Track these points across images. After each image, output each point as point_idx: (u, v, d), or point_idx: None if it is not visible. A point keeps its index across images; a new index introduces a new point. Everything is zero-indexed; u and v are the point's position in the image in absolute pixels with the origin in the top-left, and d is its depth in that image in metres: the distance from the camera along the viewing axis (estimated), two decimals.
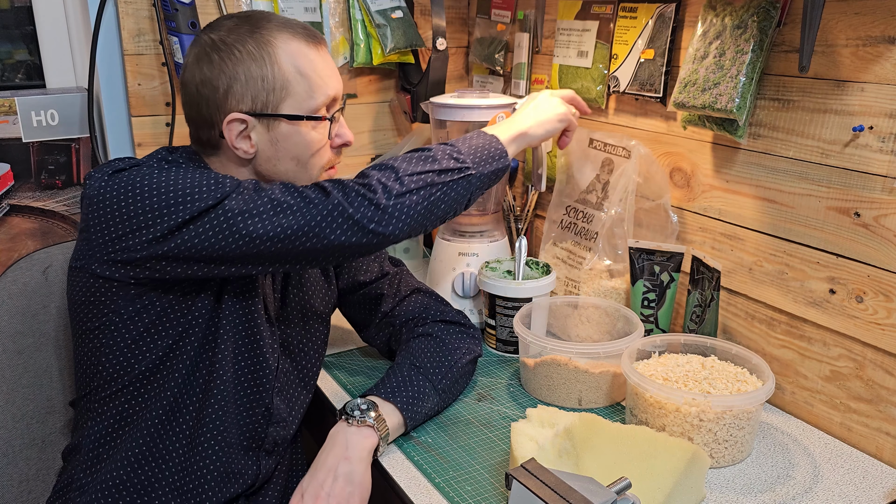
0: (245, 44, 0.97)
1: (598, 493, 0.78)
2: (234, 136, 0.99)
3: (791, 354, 1.14)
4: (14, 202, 1.42)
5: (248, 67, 0.97)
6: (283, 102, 0.99)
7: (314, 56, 1.01)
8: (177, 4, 1.37)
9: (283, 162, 1.02)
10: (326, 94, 1.01)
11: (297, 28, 1.01)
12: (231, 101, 0.98)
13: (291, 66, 0.98)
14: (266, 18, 1.01)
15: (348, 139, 1.07)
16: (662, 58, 1.26)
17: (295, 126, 1.00)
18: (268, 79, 0.98)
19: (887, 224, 0.99)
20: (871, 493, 0.97)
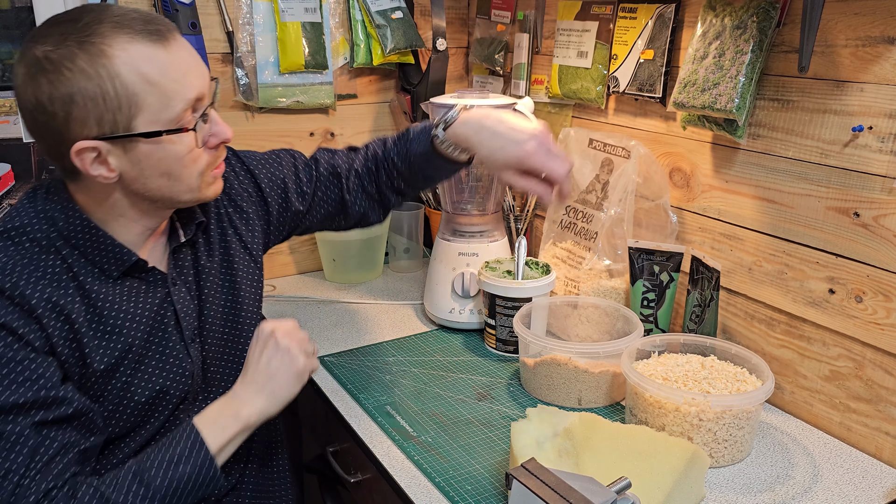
0: (75, 59, 0.82)
1: (598, 493, 0.78)
2: (88, 164, 0.87)
3: (790, 354, 1.14)
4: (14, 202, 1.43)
5: (83, 88, 0.83)
6: (134, 119, 0.86)
7: (162, 57, 0.86)
8: (177, 5, 1.37)
9: (153, 180, 0.90)
10: (186, 99, 0.88)
11: (135, 26, 0.86)
12: (73, 128, 0.85)
13: (136, 76, 0.84)
14: (97, 20, 0.85)
15: (226, 136, 0.94)
16: (662, 58, 1.26)
17: (156, 142, 0.88)
18: (110, 97, 0.84)
19: (887, 224, 0.99)
20: (870, 493, 0.97)
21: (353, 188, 1.21)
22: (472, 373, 1.27)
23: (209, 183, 0.95)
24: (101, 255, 0.93)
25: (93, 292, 0.92)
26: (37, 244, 0.90)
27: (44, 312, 0.87)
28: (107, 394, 0.94)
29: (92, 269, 0.92)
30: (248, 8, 1.50)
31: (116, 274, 0.93)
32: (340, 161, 1.21)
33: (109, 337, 0.93)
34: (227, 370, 1.07)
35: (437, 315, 1.43)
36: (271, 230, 1.16)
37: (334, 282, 1.67)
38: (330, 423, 1.25)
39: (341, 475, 1.21)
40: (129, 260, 0.93)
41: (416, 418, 1.14)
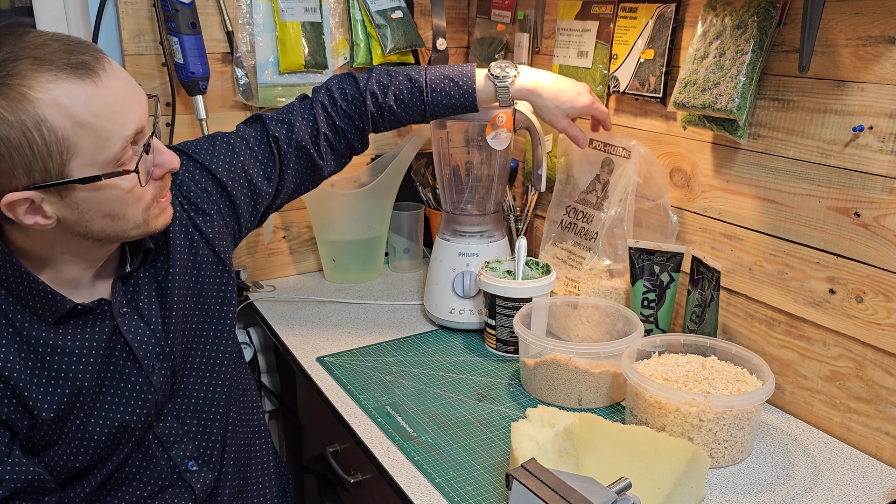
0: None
1: (599, 494, 0.78)
2: (21, 215, 0.80)
3: (791, 354, 1.14)
4: None
5: (5, 137, 0.75)
6: (68, 165, 0.78)
7: (92, 94, 0.78)
8: (177, 5, 1.37)
9: (95, 222, 0.84)
10: (123, 136, 0.81)
11: (58, 60, 0.77)
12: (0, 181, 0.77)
13: (64, 120, 0.76)
14: (13, 56, 0.76)
15: (171, 166, 0.88)
16: (662, 58, 1.26)
17: (94, 186, 0.81)
18: (38, 145, 0.76)
19: (887, 224, 0.99)
20: (870, 493, 0.97)
21: (324, 153, 1.19)
22: (472, 373, 1.27)
23: (156, 214, 0.90)
24: (35, 300, 0.87)
25: (31, 338, 0.87)
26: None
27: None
28: (63, 437, 0.91)
29: (28, 314, 0.87)
30: (247, 8, 1.50)
31: (52, 320, 0.89)
32: (302, 132, 1.16)
33: (55, 383, 0.89)
34: (195, 378, 1.04)
35: (437, 315, 1.43)
36: (242, 223, 1.12)
37: (334, 282, 1.66)
38: (330, 424, 1.25)
39: (341, 476, 1.21)
40: (62, 308, 0.88)
41: (416, 419, 1.14)
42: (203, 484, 1.03)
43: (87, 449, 0.93)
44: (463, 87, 1.22)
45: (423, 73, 1.22)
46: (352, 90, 1.21)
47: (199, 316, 1.04)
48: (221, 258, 1.07)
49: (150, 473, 0.99)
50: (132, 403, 0.95)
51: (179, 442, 1.02)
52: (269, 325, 1.45)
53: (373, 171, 1.64)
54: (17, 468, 0.86)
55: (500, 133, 1.34)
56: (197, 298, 1.04)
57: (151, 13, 1.42)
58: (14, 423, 0.87)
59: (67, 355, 0.90)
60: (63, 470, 0.92)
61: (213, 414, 1.05)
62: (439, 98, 1.21)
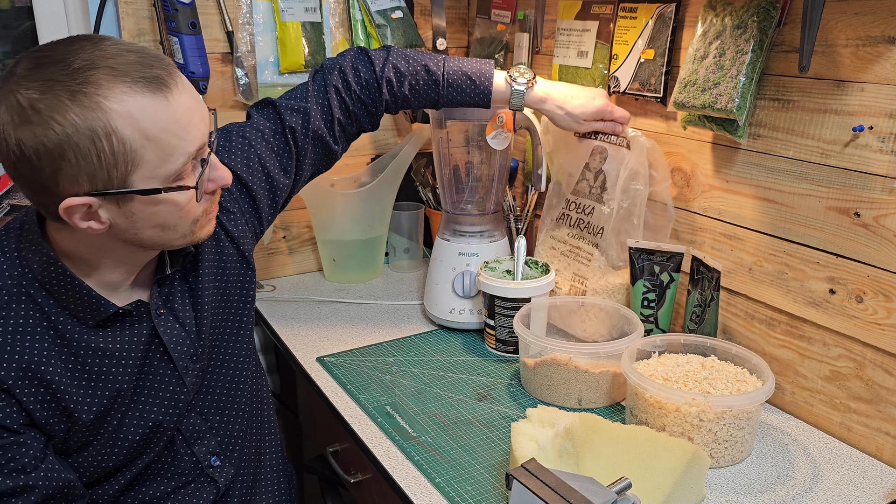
0: (66, 112, 0.75)
1: (599, 494, 0.78)
2: (77, 219, 0.81)
3: (791, 354, 1.14)
4: (14, 202, 1.42)
5: (75, 144, 0.75)
6: (131, 176, 0.79)
7: (163, 109, 0.79)
8: (177, 4, 1.36)
9: (145, 231, 0.85)
10: (187, 153, 0.82)
11: (133, 72, 0.78)
12: (63, 184, 0.78)
13: (134, 132, 0.77)
14: (91, 64, 0.76)
15: (224, 182, 0.89)
16: (662, 58, 1.26)
17: (152, 200, 0.82)
18: (105, 154, 0.77)
19: (887, 224, 0.99)
20: (870, 494, 0.97)
21: (338, 137, 1.19)
22: (472, 373, 1.27)
23: (202, 226, 0.91)
24: (77, 303, 0.88)
25: (73, 340, 0.88)
26: (7, 292, 0.85)
27: (16, 383, 0.84)
28: (98, 438, 0.92)
29: (68, 316, 0.88)
30: (247, 7, 1.50)
31: (92, 323, 0.89)
32: (317, 120, 1.15)
33: (95, 385, 0.90)
34: (219, 375, 1.05)
35: (437, 315, 1.43)
36: (263, 217, 1.12)
37: (334, 282, 1.66)
38: (330, 424, 1.25)
39: (341, 475, 1.21)
40: (105, 312, 0.89)
41: (416, 418, 1.14)
42: (225, 479, 1.05)
43: (120, 449, 0.94)
44: (480, 87, 1.22)
45: (441, 64, 1.21)
46: (367, 74, 1.19)
47: (224, 314, 1.05)
48: (245, 256, 1.08)
49: (173, 469, 1.00)
50: (165, 404, 0.96)
51: (203, 438, 1.03)
52: (269, 325, 1.45)
53: (373, 171, 1.64)
54: (50, 474, 0.87)
55: (500, 133, 1.34)
56: (222, 296, 1.05)
57: (151, 13, 1.42)
58: (51, 427, 0.88)
59: (108, 357, 0.90)
60: (94, 470, 0.93)
61: (235, 410, 1.07)
62: (454, 94, 1.22)
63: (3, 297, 0.85)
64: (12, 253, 0.87)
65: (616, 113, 1.28)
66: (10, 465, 0.84)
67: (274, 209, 1.14)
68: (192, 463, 1.02)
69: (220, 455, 1.05)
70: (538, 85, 1.25)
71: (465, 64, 1.22)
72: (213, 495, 1.04)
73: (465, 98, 1.23)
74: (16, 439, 0.85)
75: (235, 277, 1.07)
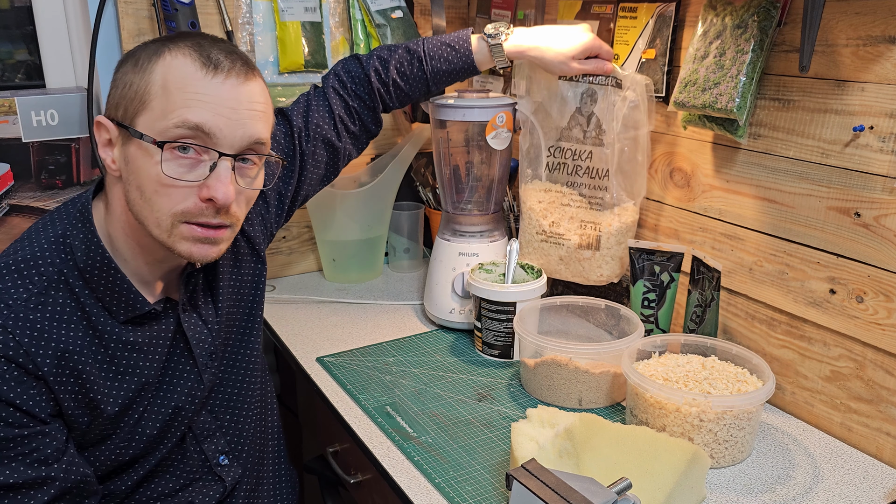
0: (144, 51, 0.87)
1: (599, 494, 0.78)
2: (101, 144, 0.88)
3: (791, 354, 1.14)
4: (14, 202, 1.42)
5: (126, 73, 0.86)
6: (138, 116, 0.85)
7: (195, 77, 0.84)
8: (177, 4, 1.36)
9: (132, 189, 0.86)
10: (183, 119, 0.83)
11: (203, 50, 0.86)
12: (108, 107, 0.89)
13: (160, 79, 0.84)
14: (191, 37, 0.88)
15: (213, 195, 0.85)
16: (663, 57, 1.26)
17: (139, 146, 0.85)
18: (134, 88, 0.85)
19: (888, 224, 0.99)
20: (871, 494, 0.97)
21: (342, 136, 1.22)
22: (472, 373, 1.27)
23: (182, 235, 0.87)
24: (113, 296, 0.89)
25: (105, 333, 0.89)
26: (47, 278, 0.86)
27: (50, 371, 0.84)
28: (118, 432, 0.92)
29: (102, 310, 0.89)
30: (247, 7, 1.50)
31: (123, 319, 0.90)
32: (318, 118, 1.19)
33: (122, 378, 0.91)
34: (231, 373, 1.06)
35: (437, 315, 1.43)
36: (274, 220, 1.15)
37: (334, 282, 1.66)
38: (329, 424, 1.25)
39: (341, 476, 1.21)
40: (140, 309, 0.91)
41: (416, 419, 1.13)
42: (233, 478, 1.05)
43: (137, 443, 0.94)
44: (459, 51, 1.24)
45: (420, 43, 1.25)
46: (356, 70, 1.24)
47: (237, 311, 1.07)
48: (259, 254, 1.10)
49: (182, 467, 1.01)
50: (182, 399, 0.97)
51: (212, 436, 1.04)
52: (269, 325, 1.45)
53: (373, 171, 1.64)
54: (70, 468, 0.87)
55: (500, 133, 1.34)
56: (236, 294, 1.07)
57: (151, 13, 1.42)
58: (76, 418, 0.88)
59: (136, 351, 0.92)
60: (110, 464, 0.94)
61: (245, 409, 1.08)
62: (439, 65, 1.24)
63: (44, 282, 0.86)
64: (58, 239, 0.89)
65: (604, 47, 1.26)
66: (34, 455, 0.84)
67: (280, 214, 1.17)
68: (201, 461, 1.02)
69: (228, 454, 1.05)
70: (515, 34, 1.25)
71: (444, 37, 1.26)
72: (220, 494, 1.04)
73: (450, 67, 1.25)
74: (41, 429, 0.85)
75: (248, 274, 1.09)
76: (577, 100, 1.32)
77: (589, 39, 1.24)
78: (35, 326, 0.84)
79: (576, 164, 1.33)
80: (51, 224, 0.91)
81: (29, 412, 0.83)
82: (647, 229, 1.36)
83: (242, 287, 1.08)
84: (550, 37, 1.25)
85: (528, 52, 1.26)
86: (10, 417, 0.82)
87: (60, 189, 1.45)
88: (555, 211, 1.34)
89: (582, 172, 1.33)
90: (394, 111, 1.73)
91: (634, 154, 1.28)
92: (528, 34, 1.26)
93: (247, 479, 1.09)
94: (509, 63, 1.28)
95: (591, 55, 1.26)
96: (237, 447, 1.07)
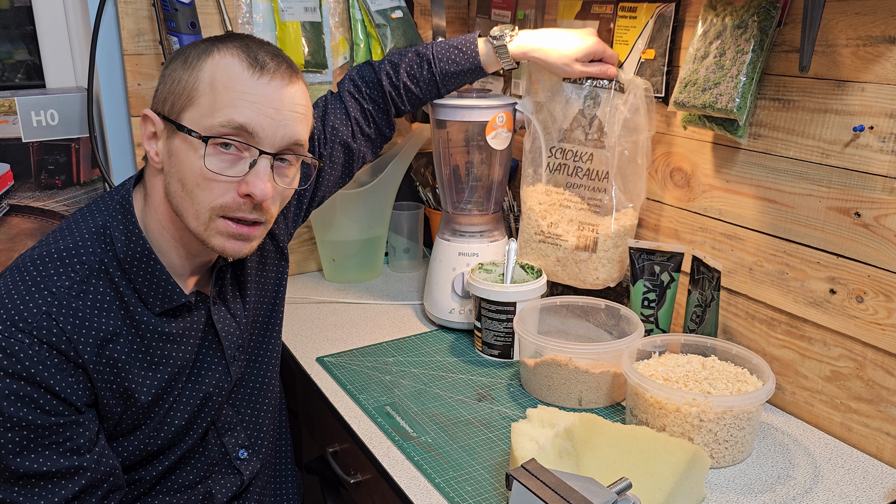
0: (194, 49, 0.90)
1: (599, 494, 0.78)
2: (146, 136, 0.91)
3: (791, 354, 1.14)
4: (14, 202, 1.42)
5: (175, 69, 0.89)
6: (184, 111, 0.87)
7: (243, 77, 0.87)
8: (176, 4, 1.36)
9: (173, 181, 0.89)
10: (229, 118, 0.86)
11: (250, 51, 0.89)
12: (155, 100, 0.91)
13: (209, 77, 0.87)
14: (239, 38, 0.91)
15: (251, 191, 0.87)
16: (663, 58, 1.26)
17: (184, 139, 0.87)
18: (182, 82, 0.88)
19: (888, 224, 0.99)
20: (871, 494, 0.97)
21: (357, 138, 1.25)
22: (471, 373, 1.27)
23: (218, 230, 0.89)
24: (151, 288, 0.91)
25: (142, 323, 0.91)
26: (88, 267, 0.88)
27: (90, 358, 0.85)
28: (148, 422, 0.93)
29: (138, 300, 0.91)
30: (247, 7, 1.50)
31: (158, 310, 0.92)
32: (334, 119, 1.22)
33: (156, 368, 0.92)
34: (253, 367, 1.08)
35: (436, 315, 1.43)
36: (292, 220, 1.18)
37: (334, 282, 1.66)
38: (329, 424, 1.25)
39: (341, 476, 1.21)
40: (177, 301, 0.92)
41: (416, 419, 1.13)
42: (251, 472, 1.06)
43: (166, 433, 0.95)
44: (466, 53, 1.27)
45: (430, 46, 1.28)
46: (369, 75, 1.27)
47: (262, 308, 1.09)
48: (284, 253, 1.14)
49: (203, 459, 1.02)
50: (210, 391, 0.99)
51: (233, 430, 1.05)
52: None
53: (373, 171, 1.64)
54: (100, 458, 0.88)
55: (500, 133, 1.34)
56: (261, 291, 1.09)
57: (151, 13, 1.42)
58: (110, 408, 0.89)
59: (171, 342, 0.94)
60: (137, 455, 0.94)
61: (265, 404, 1.09)
62: (447, 66, 1.27)
63: (86, 271, 0.88)
64: (98, 229, 0.90)
65: (608, 51, 1.27)
66: (67, 444, 0.85)
67: (299, 214, 1.20)
68: (221, 454, 1.04)
69: (248, 448, 1.07)
70: (520, 36, 1.27)
71: (452, 40, 1.29)
72: (237, 487, 1.05)
73: (458, 68, 1.28)
74: (76, 418, 0.85)
75: (273, 271, 1.11)
76: (580, 102, 1.32)
77: (593, 43, 1.26)
78: (77, 314, 0.85)
79: (576, 165, 1.33)
80: (90, 215, 0.93)
81: (67, 400, 0.84)
82: (647, 229, 1.36)
83: (267, 283, 1.10)
84: (554, 39, 1.26)
85: (531, 52, 1.27)
86: (48, 405, 0.83)
87: (60, 189, 1.46)
88: (554, 212, 1.34)
89: (582, 174, 1.33)
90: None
91: (634, 157, 1.28)
92: (533, 36, 1.28)
93: (262, 474, 1.10)
94: (515, 65, 1.30)
95: (595, 59, 1.27)
96: (256, 442, 1.08)
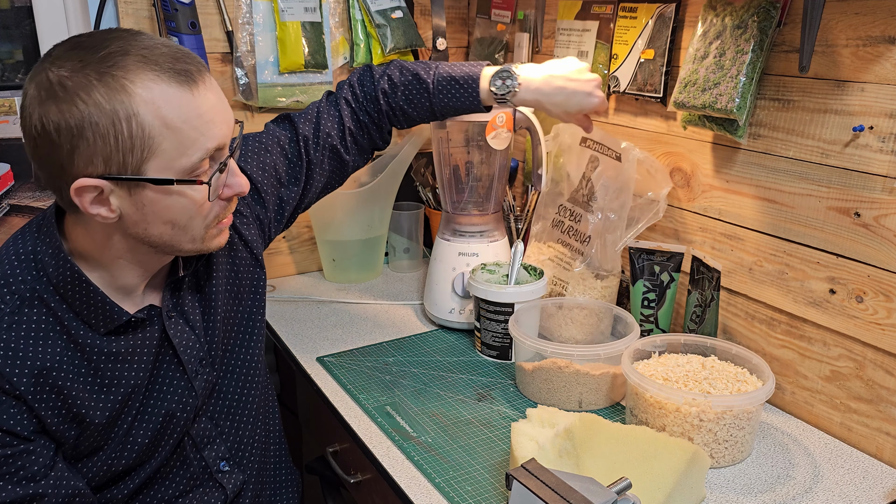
0: (91, 90, 0.76)
1: (599, 494, 0.78)
2: (87, 203, 0.80)
3: (791, 354, 1.14)
4: (14, 202, 1.42)
5: (95, 123, 0.76)
6: (146, 163, 0.79)
7: (187, 101, 0.79)
8: (177, 4, 1.36)
9: (155, 226, 0.84)
10: (205, 148, 0.82)
11: (163, 63, 0.79)
12: (78, 163, 0.78)
13: (155, 119, 0.78)
14: (123, 50, 0.78)
15: (241, 190, 0.88)
16: (663, 58, 1.26)
17: (164, 190, 0.81)
18: (123, 137, 0.77)
19: (887, 224, 0.99)
20: (871, 494, 0.97)
21: (350, 148, 1.19)
22: (471, 373, 1.27)
23: (214, 235, 0.90)
24: (90, 310, 0.87)
25: (86, 346, 0.87)
26: (19, 297, 0.84)
27: (27, 389, 0.83)
28: (109, 442, 0.92)
29: (81, 323, 0.87)
30: (247, 7, 1.50)
31: (104, 331, 0.88)
32: (329, 128, 1.15)
33: (108, 390, 0.89)
34: (231, 379, 1.04)
35: (436, 315, 1.43)
36: (272, 224, 1.12)
37: (334, 282, 1.66)
38: (329, 424, 1.25)
39: (341, 476, 1.21)
40: (118, 320, 0.88)
41: (416, 419, 1.13)
42: (234, 485, 1.04)
43: (129, 452, 0.93)
44: (467, 90, 1.17)
45: (430, 72, 1.18)
46: (368, 86, 1.19)
47: (237, 318, 1.05)
48: (257, 259, 1.08)
49: (182, 473, 1.00)
50: (173, 407, 0.96)
51: (212, 443, 1.02)
52: (269, 325, 1.45)
53: (373, 171, 1.64)
54: (60, 482, 0.86)
55: (500, 133, 1.34)
56: (234, 300, 1.04)
57: (151, 13, 1.42)
58: (62, 433, 0.87)
59: (120, 361, 0.90)
60: (104, 475, 0.93)
61: (246, 415, 1.06)
62: (445, 100, 1.18)
63: (16, 301, 0.84)
64: (28, 255, 0.86)
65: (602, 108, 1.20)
66: (20, 473, 0.83)
67: (281, 218, 1.14)
68: (201, 468, 1.01)
69: (229, 460, 1.04)
70: (522, 88, 1.16)
71: (455, 68, 1.18)
72: (221, 501, 1.03)
73: (457, 104, 1.18)
74: (26, 447, 0.84)
75: (247, 280, 1.06)
76: (584, 165, 1.35)
77: (595, 105, 1.17)
78: (10, 346, 0.82)
79: (570, 224, 1.37)
80: (21, 240, 0.87)
81: (10, 431, 0.82)
82: (647, 229, 1.36)
83: (241, 291, 1.06)
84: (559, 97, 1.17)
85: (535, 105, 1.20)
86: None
87: None
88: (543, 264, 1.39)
89: (572, 233, 1.36)
90: None
91: (616, 228, 1.29)
92: (536, 90, 1.17)
93: (250, 484, 1.08)
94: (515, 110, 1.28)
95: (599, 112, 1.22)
96: (238, 453, 1.06)
